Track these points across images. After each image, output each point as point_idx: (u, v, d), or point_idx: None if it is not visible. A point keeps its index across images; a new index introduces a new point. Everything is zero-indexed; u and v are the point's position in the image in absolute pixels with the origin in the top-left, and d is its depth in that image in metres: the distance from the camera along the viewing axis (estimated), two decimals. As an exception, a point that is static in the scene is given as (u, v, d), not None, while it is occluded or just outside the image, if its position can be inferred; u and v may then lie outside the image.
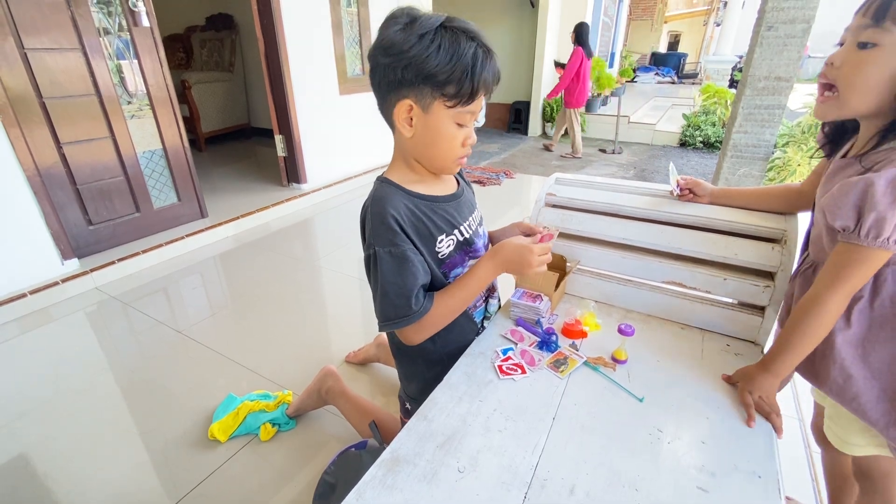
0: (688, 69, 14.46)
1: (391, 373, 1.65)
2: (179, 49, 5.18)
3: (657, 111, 7.35)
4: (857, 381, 0.76)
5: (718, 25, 12.86)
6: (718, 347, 0.97)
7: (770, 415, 0.76)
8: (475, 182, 4.12)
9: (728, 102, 6.03)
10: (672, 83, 12.42)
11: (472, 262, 0.93)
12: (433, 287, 0.88)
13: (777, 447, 0.72)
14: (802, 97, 4.66)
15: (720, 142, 5.16)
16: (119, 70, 2.39)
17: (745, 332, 0.99)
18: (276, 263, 2.61)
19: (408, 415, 1.11)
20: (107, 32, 2.30)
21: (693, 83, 11.67)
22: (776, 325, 0.95)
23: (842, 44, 0.69)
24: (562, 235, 1.18)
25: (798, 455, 1.32)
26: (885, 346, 0.73)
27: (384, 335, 1.60)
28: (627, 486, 0.66)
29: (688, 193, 1.06)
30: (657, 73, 12.89)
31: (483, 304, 1.02)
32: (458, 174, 0.98)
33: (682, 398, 0.82)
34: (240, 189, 3.56)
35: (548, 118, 6.51)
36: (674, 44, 19.14)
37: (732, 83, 8.68)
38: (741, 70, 2.67)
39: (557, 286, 1.06)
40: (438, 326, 0.88)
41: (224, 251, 2.75)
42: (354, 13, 3.57)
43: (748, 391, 0.79)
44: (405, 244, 0.80)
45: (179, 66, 5.11)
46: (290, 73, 3.16)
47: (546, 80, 6.47)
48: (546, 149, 5.70)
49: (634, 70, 11.91)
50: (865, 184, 0.64)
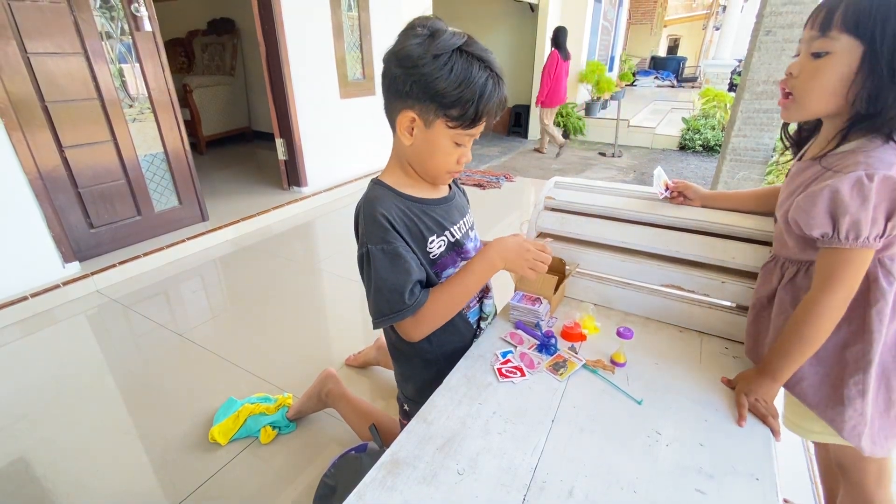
0: (687, 73, 14.52)
1: (391, 376, 1.65)
2: (181, 53, 5.21)
3: (657, 115, 7.37)
4: (803, 367, 0.79)
5: (718, 29, 12.90)
6: (717, 350, 0.97)
7: (766, 417, 0.77)
8: (475, 185, 4.13)
9: (727, 106, 6.05)
10: (671, 87, 12.47)
11: (464, 263, 0.94)
12: (428, 287, 0.89)
13: (775, 450, 0.73)
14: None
15: (720, 145, 5.17)
16: (121, 74, 2.40)
17: (743, 335, 0.99)
18: (277, 267, 2.62)
19: (406, 416, 1.12)
20: (109, 37, 2.32)
21: (692, 87, 11.71)
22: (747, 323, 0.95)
23: (798, 55, 0.73)
24: (561, 239, 1.19)
25: (798, 458, 1.32)
26: (832, 336, 0.76)
27: (384, 339, 1.61)
28: (626, 488, 0.66)
29: (678, 196, 1.07)
30: (657, 77, 12.94)
31: (477, 305, 1.03)
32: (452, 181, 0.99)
33: (681, 401, 0.82)
34: (240, 192, 3.57)
35: (548, 122, 6.52)
36: (673, 48, 19.22)
37: (732, 87, 8.70)
38: (740, 74, 2.68)
39: (556, 289, 1.06)
40: (437, 321, 0.88)
41: (225, 254, 2.76)
42: (355, 17, 3.59)
43: (745, 393, 0.80)
44: (397, 241, 0.82)
45: (181, 70, 5.14)
46: (291, 77, 3.18)
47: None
48: (537, 150, 5.87)
49: (634, 74, 11.95)
50: (831, 191, 0.67)
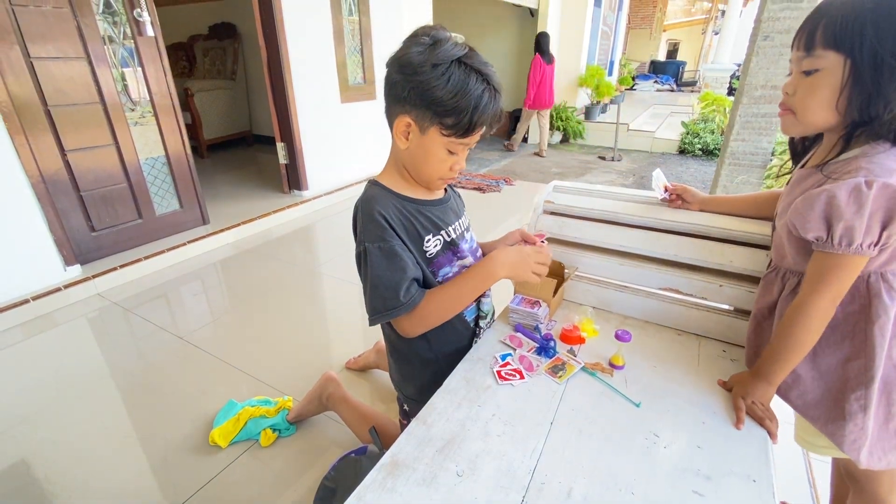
0: (686, 77, 14.57)
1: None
2: (182, 57, 5.24)
3: (656, 119, 7.40)
4: (805, 381, 0.79)
5: (717, 34, 12.96)
6: (714, 353, 0.98)
7: (763, 420, 0.77)
8: (475, 189, 4.14)
9: (727, 110, 6.07)
10: (671, 91, 12.51)
11: (460, 263, 0.96)
12: (426, 286, 0.91)
13: (772, 452, 0.73)
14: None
15: (719, 149, 5.19)
16: (123, 78, 2.42)
17: (741, 338, 0.99)
18: (277, 270, 2.62)
19: (406, 417, 1.12)
20: (111, 41, 2.33)
21: (692, 91, 11.75)
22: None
23: (790, 73, 0.75)
24: (560, 242, 1.19)
25: (796, 461, 1.33)
26: (834, 350, 0.76)
27: (383, 342, 1.61)
28: (624, 490, 0.66)
29: (676, 199, 1.07)
30: (656, 81, 12.98)
31: (474, 303, 1.03)
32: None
33: (679, 403, 0.83)
34: (241, 196, 3.58)
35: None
36: (672, 52, 19.29)
37: (731, 91, 8.74)
38: (739, 78, 2.70)
39: (556, 292, 1.07)
40: (432, 321, 0.90)
41: (225, 257, 2.77)
42: (356, 22, 3.61)
43: (741, 396, 0.80)
44: (393, 240, 0.84)
45: (182, 75, 5.16)
46: (292, 82, 3.19)
47: (546, 88, 6.50)
48: (507, 148, 6.01)
49: (633, 78, 12.00)
50: (828, 196, 0.68)
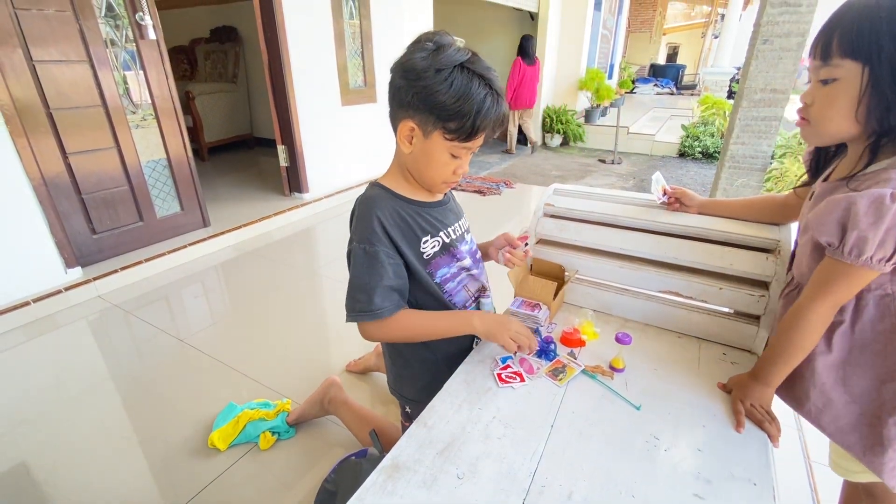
0: (686, 80, 14.61)
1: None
2: (184, 61, 5.25)
3: (656, 122, 7.41)
4: (836, 405, 0.77)
5: (716, 38, 12.99)
6: (715, 356, 0.98)
7: (763, 423, 0.77)
8: (475, 192, 4.15)
9: (726, 113, 6.08)
10: (671, 94, 12.53)
11: (459, 264, 0.97)
12: (422, 287, 0.93)
13: (773, 456, 0.73)
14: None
15: (719, 152, 5.21)
16: (125, 81, 2.42)
17: (741, 341, 1.00)
18: (278, 272, 2.63)
19: (408, 418, 1.12)
20: (113, 44, 2.34)
21: (692, 94, 11.78)
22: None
23: (809, 82, 0.73)
24: (560, 245, 1.19)
25: (797, 464, 1.32)
26: (866, 371, 0.74)
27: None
28: (624, 493, 0.66)
29: (675, 202, 1.08)
30: (656, 85, 13.01)
31: (474, 304, 1.04)
32: None
33: (679, 406, 0.83)
34: (242, 198, 3.59)
35: (547, 129, 6.57)
36: (672, 55, 19.35)
37: (731, 94, 8.77)
38: (739, 81, 2.71)
39: (556, 295, 1.07)
40: (397, 337, 0.92)
41: (226, 260, 2.77)
42: (357, 25, 3.62)
43: (740, 399, 0.80)
44: (380, 245, 0.85)
45: (184, 78, 5.18)
46: (293, 85, 3.20)
47: (546, 92, 6.53)
48: (507, 151, 6.12)
49: (633, 81, 12.02)
50: (848, 202, 0.66)
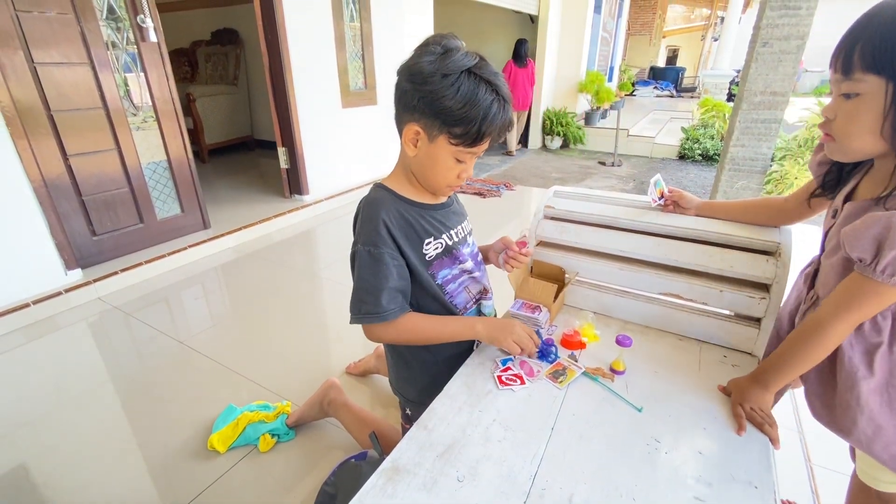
0: (686, 83, 14.64)
1: (391, 384, 1.66)
2: (185, 63, 5.26)
3: (656, 124, 7.42)
4: (888, 432, 0.74)
5: (716, 40, 13.03)
6: (716, 358, 0.98)
7: (763, 426, 0.77)
8: (475, 194, 4.15)
9: (726, 116, 6.10)
10: (671, 97, 12.56)
11: (461, 267, 0.97)
12: (424, 288, 0.93)
13: (773, 458, 0.73)
14: (798, 111, 4.70)
15: (719, 155, 5.22)
16: (126, 83, 2.42)
17: (742, 344, 1.00)
18: (278, 274, 2.62)
19: (409, 420, 1.12)
20: (115, 46, 2.35)
21: (691, 97, 11.81)
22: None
23: (830, 93, 0.71)
24: (560, 247, 1.19)
25: (798, 466, 1.32)
26: None
27: (383, 347, 1.62)
28: (625, 496, 0.66)
29: (671, 205, 1.08)
30: (656, 87, 13.04)
31: (474, 305, 1.04)
32: None
33: (680, 409, 0.82)
34: (242, 200, 3.59)
35: (547, 131, 6.58)
36: (672, 58, 19.38)
37: (730, 97, 8.78)
38: (738, 84, 2.71)
39: (556, 297, 1.07)
40: (402, 339, 0.93)
41: (226, 262, 2.77)
42: (357, 28, 3.63)
43: (740, 402, 0.80)
44: (385, 248, 0.85)
45: (184, 80, 5.18)
46: (294, 87, 3.21)
47: (546, 94, 6.55)
48: (507, 154, 6.19)
49: (633, 84, 12.07)
50: (888, 220, 0.63)
